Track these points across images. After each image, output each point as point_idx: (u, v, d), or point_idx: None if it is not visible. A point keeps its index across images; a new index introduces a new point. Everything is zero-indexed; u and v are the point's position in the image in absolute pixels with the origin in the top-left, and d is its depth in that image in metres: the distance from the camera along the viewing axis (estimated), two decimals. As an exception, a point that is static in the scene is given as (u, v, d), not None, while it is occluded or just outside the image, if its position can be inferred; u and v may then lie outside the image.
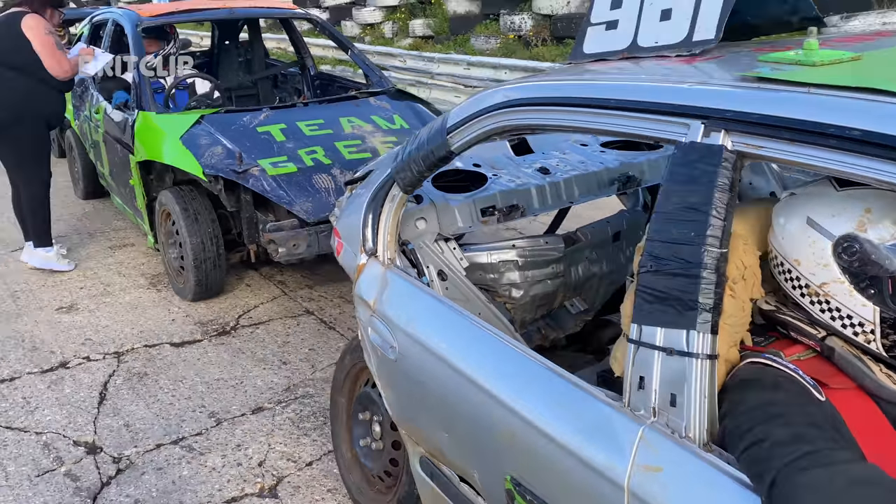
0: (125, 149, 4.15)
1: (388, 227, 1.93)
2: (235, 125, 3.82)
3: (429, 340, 1.68)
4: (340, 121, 4.01)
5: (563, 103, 1.39)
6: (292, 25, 5.71)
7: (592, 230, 2.45)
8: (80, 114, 5.19)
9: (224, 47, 5.99)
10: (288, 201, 3.42)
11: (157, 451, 2.61)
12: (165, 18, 4.65)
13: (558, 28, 8.57)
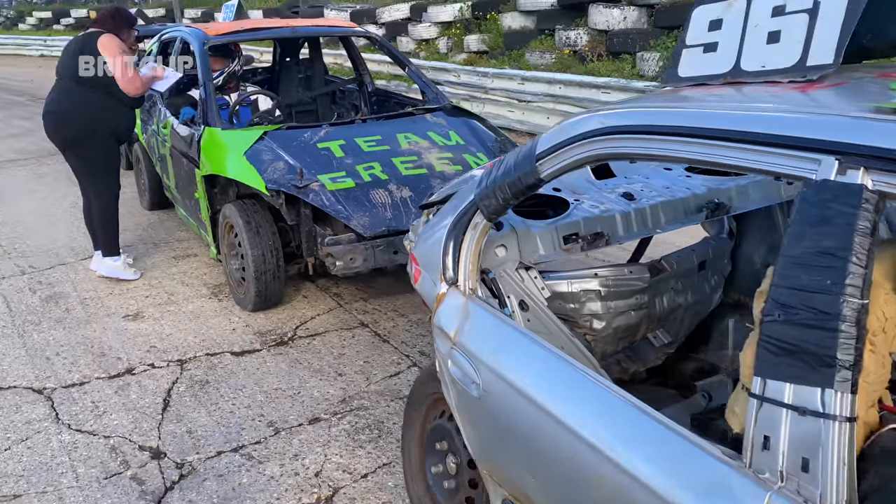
0: (191, 163, 4.29)
1: (470, 256, 1.87)
2: (297, 141, 3.93)
3: (516, 379, 1.60)
4: (397, 137, 4.09)
5: (667, 132, 1.30)
6: (351, 42, 5.84)
7: (678, 259, 2.34)
8: (148, 128, 5.37)
9: (285, 64, 6.16)
10: (346, 216, 3.51)
11: (217, 458, 2.69)
12: (231, 37, 4.80)
13: (614, 43, 8.53)
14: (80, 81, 4.12)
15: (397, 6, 13.18)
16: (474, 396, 1.73)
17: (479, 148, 4.15)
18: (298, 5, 15.33)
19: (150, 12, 19.46)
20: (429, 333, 3.63)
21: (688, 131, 1.26)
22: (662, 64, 7.77)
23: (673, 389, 2.29)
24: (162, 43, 5.62)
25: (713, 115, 1.26)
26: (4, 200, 6.38)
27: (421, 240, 2.14)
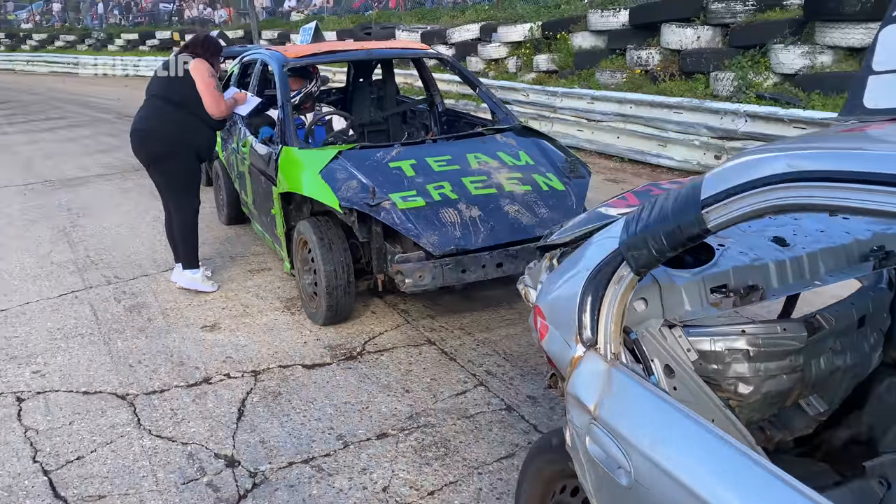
0: (268, 180, 4.44)
1: (613, 315, 1.62)
2: (369, 160, 4.03)
3: (684, 475, 1.33)
4: (467, 157, 4.15)
5: (880, 181, 1.05)
6: (423, 63, 5.94)
7: (836, 314, 2.01)
8: (228, 146, 5.60)
9: (358, 85, 6.33)
10: (416, 234, 3.59)
11: (289, 468, 2.76)
12: (309, 59, 4.95)
13: (687, 63, 8.41)
14: (171, 102, 4.34)
15: (467, 26, 13.34)
16: (622, 485, 1.48)
17: (548, 168, 4.17)
18: (371, 27, 15.68)
19: (230, 33, 20.22)
20: (495, 353, 3.65)
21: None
22: (737, 84, 7.61)
23: (824, 464, 2.03)
24: (243, 65, 5.86)
25: None
26: (92, 213, 6.73)
27: (547, 290, 1.91)
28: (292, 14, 23.23)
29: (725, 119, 7.05)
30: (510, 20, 12.50)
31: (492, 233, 3.70)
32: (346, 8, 21.75)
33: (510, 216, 3.78)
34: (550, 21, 11.50)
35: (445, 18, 15.06)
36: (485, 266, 3.64)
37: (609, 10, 9.98)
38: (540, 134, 4.67)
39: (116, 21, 30.43)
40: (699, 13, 8.56)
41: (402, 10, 18.35)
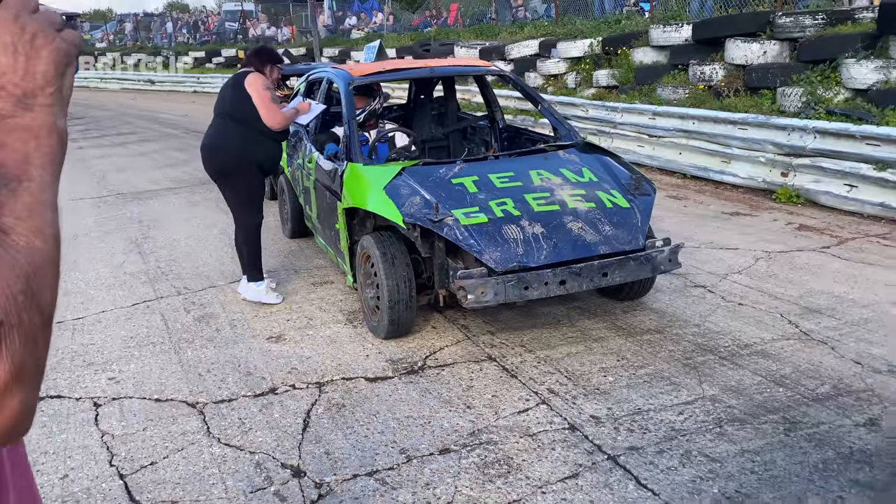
0: (333, 196, 4.56)
1: None
2: (432, 177, 4.08)
3: None
4: (530, 173, 4.15)
5: None
6: (484, 80, 6.00)
7: None
8: (293, 162, 5.72)
9: (419, 101, 6.45)
10: (478, 250, 3.62)
11: (353, 480, 2.80)
12: (373, 77, 5.06)
13: (753, 78, 8.23)
14: (232, 118, 4.48)
15: (526, 42, 13.36)
16: None
17: (612, 185, 4.15)
18: (430, 44, 15.86)
19: (293, 51, 20.74)
20: (556, 371, 3.63)
21: None
22: (806, 99, 7.42)
23: None
24: (309, 82, 6.03)
25: None
26: (162, 226, 6.97)
27: None
28: (353, 32, 23.69)
29: (793, 135, 6.87)
30: (570, 36, 12.48)
31: (555, 250, 3.70)
32: (406, 25, 22.06)
33: (573, 233, 3.76)
34: (611, 36, 11.43)
35: (504, 35, 15.12)
36: (547, 283, 3.63)
37: (671, 25, 9.86)
38: (603, 150, 4.64)
39: (184, 40, 31.55)
40: (765, 28, 8.38)
41: (460, 27, 18.51)
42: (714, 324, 4.13)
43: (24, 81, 0.63)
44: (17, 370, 0.55)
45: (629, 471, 2.77)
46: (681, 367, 3.60)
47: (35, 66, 0.63)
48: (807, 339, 3.87)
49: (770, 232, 5.93)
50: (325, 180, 4.75)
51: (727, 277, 4.88)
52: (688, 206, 6.97)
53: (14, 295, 0.55)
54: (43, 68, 0.63)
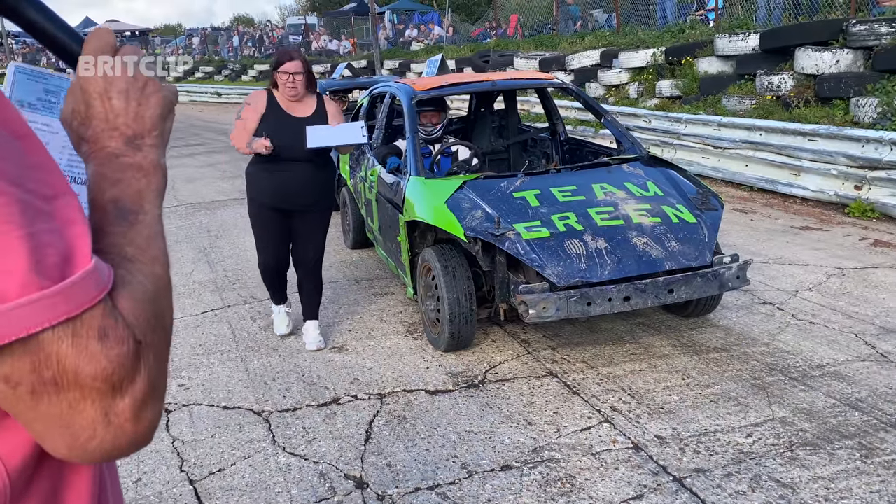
0: (395, 208, 4.59)
1: None
2: (494, 190, 4.08)
3: None
4: (593, 187, 4.10)
5: None
6: (545, 92, 5.93)
7: None
8: (356, 174, 5.81)
9: (480, 114, 6.45)
10: (540, 265, 3.60)
11: (415, 494, 2.81)
12: (436, 92, 5.05)
13: (824, 88, 7.97)
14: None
15: (587, 53, 13.26)
16: None
17: (678, 199, 4.08)
18: (489, 55, 15.90)
19: (354, 63, 21.08)
20: (619, 388, 3.57)
21: None
22: (881, 110, 7.14)
23: None
24: (372, 97, 6.08)
25: None
26: (229, 235, 7.17)
27: None
28: (413, 44, 23.95)
29: (867, 147, 6.63)
30: (632, 46, 12.33)
31: (619, 265, 3.64)
32: (465, 37, 22.18)
33: (638, 248, 3.70)
34: (674, 46, 11.25)
35: (564, 45, 15.04)
36: (611, 300, 3.58)
37: (738, 34, 9.65)
38: (669, 164, 4.56)
39: (250, 53, 32.44)
40: (837, 36, 8.12)
41: (520, 38, 18.50)
42: (784, 343, 4.00)
43: (135, 124, 0.71)
44: (152, 385, 0.61)
45: (696, 493, 2.70)
46: (749, 388, 3.50)
47: (144, 111, 0.71)
48: (884, 360, 3.72)
49: (842, 247, 5.73)
50: (387, 193, 4.80)
51: (797, 294, 4.72)
52: (755, 220, 6.79)
53: (148, 318, 0.61)
54: (151, 113, 0.72)
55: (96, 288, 0.56)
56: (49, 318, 0.53)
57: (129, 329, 0.58)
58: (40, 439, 0.58)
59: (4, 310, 0.52)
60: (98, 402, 0.56)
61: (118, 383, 0.57)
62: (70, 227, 0.56)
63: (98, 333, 0.56)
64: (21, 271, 0.52)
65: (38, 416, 0.56)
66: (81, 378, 0.55)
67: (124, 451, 0.60)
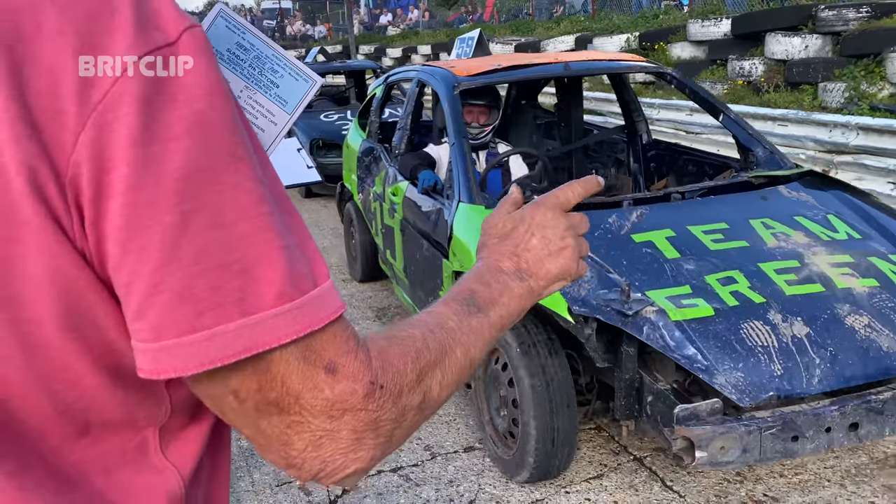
0: (434, 247, 3.20)
1: None
2: (599, 229, 2.62)
3: None
4: (752, 225, 2.67)
5: None
6: (624, 80, 4.29)
7: None
8: (367, 187, 4.38)
9: (519, 108, 4.95)
10: (706, 368, 2.10)
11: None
12: (486, 78, 3.52)
13: (793, 73, 8.05)
14: None
15: (562, 38, 13.26)
16: None
17: (886, 244, 2.64)
18: (465, 39, 15.84)
19: (329, 48, 20.91)
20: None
21: None
22: (849, 95, 7.23)
23: None
24: (387, 86, 4.66)
25: None
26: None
27: None
28: (389, 28, 23.81)
29: (835, 132, 6.70)
30: (606, 31, 12.35)
31: (833, 366, 2.17)
32: (441, 22, 22.09)
33: (858, 335, 2.24)
34: (648, 32, 11.29)
35: (540, 30, 15.03)
36: (830, 429, 2.14)
37: (710, 19, 9.70)
38: (841, 183, 3.18)
39: (224, 38, 31.99)
40: (807, 21, 8.19)
41: (496, 23, 18.46)
42: None
43: (534, 266, 0.76)
44: (377, 429, 0.58)
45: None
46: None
47: (549, 263, 0.77)
48: None
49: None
50: (419, 223, 3.42)
51: None
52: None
53: (406, 373, 0.59)
54: (552, 267, 0.77)
55: (334, 305, 0.54)
56: (296, 329, 0.52)
57: (370, 367, 0.56)
58: (261, 450, 0.58)
59: (259, 319, 0.50)
60: (315, 429, 0.55)
61: (339, 413, 0.55)
62: (307, 244, 0.55)
63: (328, 362, 0.54)
64: (279, 282, 0.51)
65: (259, 432, 0.55)
66: (304, 405, 0.54)
67: (331, 476, 0.58)
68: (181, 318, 0.49)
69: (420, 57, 17.57)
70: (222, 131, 0.51)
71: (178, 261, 0.48)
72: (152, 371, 0.50)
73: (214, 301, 0.49)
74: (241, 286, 0.50)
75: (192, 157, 0.49)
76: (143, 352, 0.50)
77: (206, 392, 0.54)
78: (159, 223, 0.48)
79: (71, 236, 0.48)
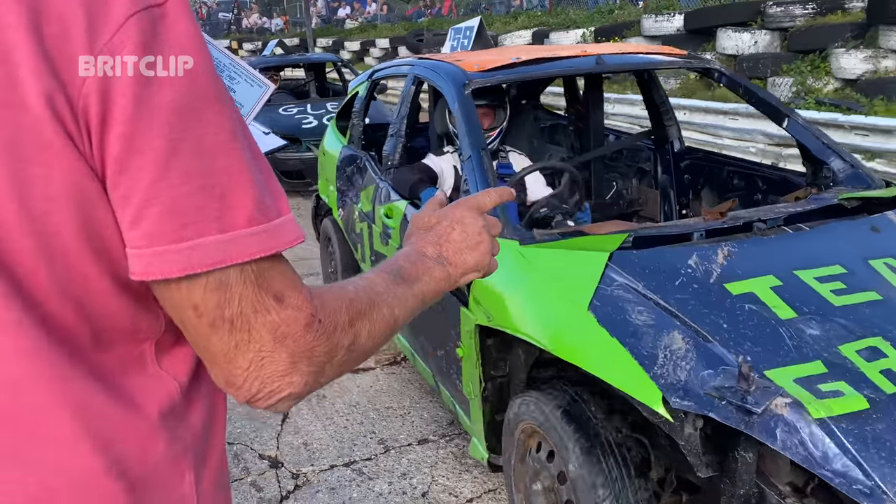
0: (456, 298, 2.33)
1: None
2: (681, 275, 1.90)
3: None
4: (874, 267, 1.99)
5: None
6: (653, 78, 3.58)
7: None
8: (350, 203, 3.69)
9: (520, 109, 4.13)
10: (871, 492, 1.40)
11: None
12: (503, 74, 2.83)
13: (744, 68, 8.22)
14: None
15: (519, 32, 13.31)
16: None
17: None
18: (423, 34, 15.82)
19: (287, 41, 20.65)
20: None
21: None
22: (796, 89, 7.42)
23: None
24: (372, 83, 3.90)
25: None
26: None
27: None
28: (347, 22, 23.62)
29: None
30: (563, 26, 12.45)
31: None
32: (400, 15, 22.00)
33: None
34: (604, 27, 11.40)
35: (497, 25, 15.06)
36: None
37: (663, 14, 9.85)
38: None
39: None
40: (756, 17, 8.38)
41: (454, 17, 18.45)
42: None
43: (453, 255, 0.87)
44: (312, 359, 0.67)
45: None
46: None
47: (466, 255, 0.88)
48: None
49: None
50: None
51: None
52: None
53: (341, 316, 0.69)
54: (468, 258, 0.88)
55: (295, 233, 0.65)
56: (262, 248, 0.61)
57: (311, 303, 0.65)
58: (207, 364, 0.66)
59: (233, 237, 0.60)
60: (259, 349, 0.63)
61: (281, 337, 0.63)
62: (272, 181, 0.65)
63: (277, 291, 0.63)
64: (250, 208, 0.61)
65: (209, 347, 0.63)
66: (253, 325, 0.62)
67: (265, 399, 0.66)
68: (169, 229, 0.59)
69: (378, 50, 17.46)
70: (206, 76, 0.61)
71: (167, 179, 0.58)
72: (143, 273, 0.60)
73: (197, 217, 0.59)
74: (220, 207, 0.60)
75: (181, 94, 0.58)
76: (136, 256, 0.60)
77: (171, 301, 0.62)
78: (152, 148, 0.57)
79: (85, 155, 0.58)
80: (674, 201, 3.53)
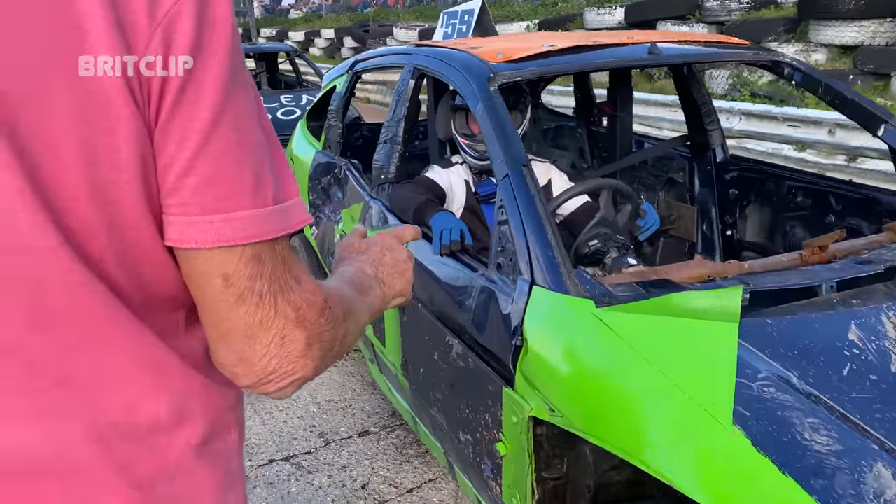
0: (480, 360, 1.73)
1: None
2: (847, 362, 1.28)
3: None
4: None
5: None
6: (693, 74, 2.96)
7: None
8: (323, 218, 3.10)
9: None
10: None
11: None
12: (539, 65, 2.17)
13: (682, 61, 8.42)
14: None
15: (465, 24, 13.33)
16: None
17: None
18: (368, 24, 15.70)
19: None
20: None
21: None
22: (732, 82, 7.61)
23: None
24: (353, 76, 3.24)
25: None
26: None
27: None
28: (291, 12, 23.27)
29: (720, 117, 7.02)
30: (507, 18, 12.50)
31: None
32: (345, 5, 21.78)
33: None
34: (548, 19, 11.51)
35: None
36: None
37: (605, 7, 10.00)
38: None
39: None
40: (694, 11, 8.57)
41: (400, 8, 18.36)
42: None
43: (387, 278, 0.91)
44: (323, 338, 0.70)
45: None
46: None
47: (395, 278, 0.93)
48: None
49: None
50: (440, 305, 2.01)
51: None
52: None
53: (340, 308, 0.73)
54: (396, 283, 0.93)
55: (305, 214, 0.67)
56: (282, 227, 0.63)
57: (322, 290, 0.69)
58: (218, 340, 0.66)
59: (266, 213, 0.62)
60: (283, 326, 0.64)
61: (301, 318, 0.65)
62: (284, 161, 0.67)
63: (296, 274, 0.66)
64: (274, 186, 0.64)
65: (230, 319, 0.63)
66: (279, 301, 0.64)
67: (277, 380, 0.67)
68: (207, 199, 0.60)
69: (323, 41, 17.25)
70: (239, 54, 0.63)
71: (209, 152, 0.60)
72: (177, 241, 0.61)
73: (234, 190, 0.61)
74: (254, 183, 0.62)
75: (225, 69, 0.60)
76: (171, 224, 0.61)
77: (196, 270, 0.62)
78: (199, 118, 0.59)
79: (148, 125, 0.59)
80: (715, 220, 2.91)
